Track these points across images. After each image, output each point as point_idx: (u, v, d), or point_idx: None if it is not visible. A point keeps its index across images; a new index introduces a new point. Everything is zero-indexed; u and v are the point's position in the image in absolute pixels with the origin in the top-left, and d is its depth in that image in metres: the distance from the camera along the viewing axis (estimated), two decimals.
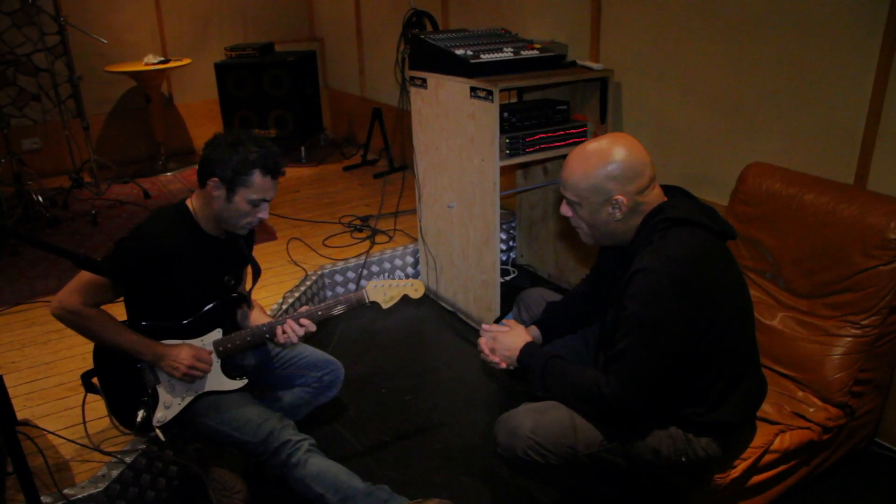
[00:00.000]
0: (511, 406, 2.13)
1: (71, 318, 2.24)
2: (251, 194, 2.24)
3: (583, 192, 1.93)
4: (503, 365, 2.24)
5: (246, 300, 2.57)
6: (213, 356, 2.41)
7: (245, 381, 2.44)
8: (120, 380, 2.38)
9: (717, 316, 1.87)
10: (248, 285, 2.62)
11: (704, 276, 1.85)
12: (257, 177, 2.23)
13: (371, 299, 2.44)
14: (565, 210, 2.03)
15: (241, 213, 2.28)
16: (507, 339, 2.24)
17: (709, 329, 1.87)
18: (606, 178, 1.89)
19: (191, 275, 2.33)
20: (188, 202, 2.37)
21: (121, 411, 2.40)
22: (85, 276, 2.22)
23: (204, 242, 2.36)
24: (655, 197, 1.95)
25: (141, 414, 2.32)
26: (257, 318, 2.59)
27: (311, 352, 2.74)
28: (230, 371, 2.45)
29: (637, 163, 1.90)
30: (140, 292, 2.32)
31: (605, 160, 1.89)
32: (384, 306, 2.45)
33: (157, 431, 2.34)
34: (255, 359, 2.67)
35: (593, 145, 1.94)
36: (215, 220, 2.34)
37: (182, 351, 2.33)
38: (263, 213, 2.31)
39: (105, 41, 5.70)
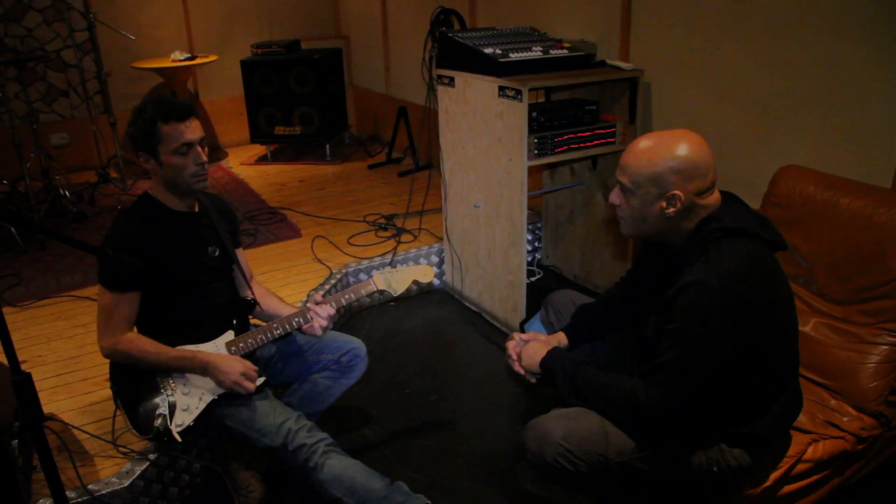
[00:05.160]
0: (537, 408, 2.11)
1: (119, 351, 2.32)
2: (169, 145, 2.27)
3: (642, 179, 1.87)
4: (532, 380, 2.25)
5: (252, 308, 2.60)
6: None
7: (263, 379, 2.42)
8: (136, 390, 2.36)
9: (767, 332, 1.83)
10: (249, 294, 2.62)
11: (759, 291, 1.80)
12: (162, 128, 2.25)
13: (379, 287, 2.48)
14: (615, 198, 1.97)
15: (179, 167, 2.30)
16: (529, 349, 2.24)
17: (758, 345, 1.83)
18: (669, 171, 1.83)
19: (172, 253, 2.36)
20: (149, 190, 2.42)
21: (141, 421, 2.36)
22: (102, 303, 2.31)
23: (174, 220, 2.40)
24: (712, 202, 1.89)
25: (160, 420, 2.30)
26: (276, 308, 2.60)
27: (327, 335, 2.67)
28: None
29: (703, 163, 1.85)
30: (144, 287, 2.34)
31: (672, 151, 1.84)
32: (395, 293, 2.49)
33: (175, 435, 2.29)
34: (269, 351, 2.66)
35: (663, 135, 1.89)
36: (173, 191, 2.38)
37: (232, 364, 2.33)
38: (200, 157, 2.32)
39: (133, 37, 5.74)
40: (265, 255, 4.20)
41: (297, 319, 2.42)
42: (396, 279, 2.49)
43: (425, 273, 2.52)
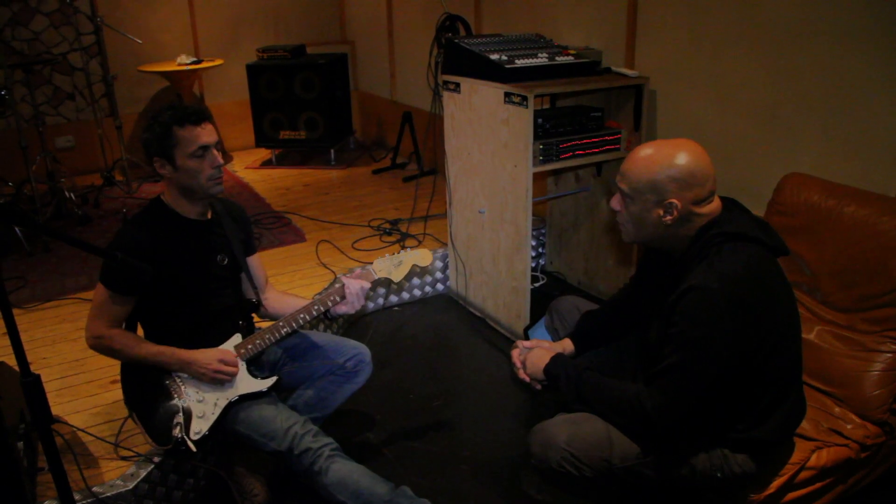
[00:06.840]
0: (540, 414, 2.12)
1: (101, 345, 2.34)
2: (185, 149, 2.27)
3: (640, 186, 1.89)
4: (537, 387, 2.26)
5: (256, 308, 2.61)
6: (239, 358, 2.41)
7: (274, 378, 2.43)
8: (150, 399, 2.37)
9: (769, 335, 1.84)
10: (253, 295, 2.62)
11: (759, 295, 1.81)
12: (178, 132, 2.26)
13: (379, 276, 2.49)
14: (615, 204, 1.99)
15: (195, 171, 2.30)
16: (533, 356, 2.26)
17: (760, 348, 1.83)
18: (667, 179, 1.85)
19: (180, 260, 2.36)
20: (161, 196, 2.42)
21: (158, 431, 2.36)
22: (97, 297, 2.32)
23: (184, 227, 2.40)
24: (711, 211, 1.90)
25: (178, 430, 2.30)
26: (292, 304, 2.60)
27: (332, 339, 2.71)
28: (255, 372, 2.45)
29: (701, 172, 1.86)
30: (149, 294, 2.34)
31: (670, 160, 1.85)
32: (395, 280, 2.50)
33: (191, 444, 2.29)
34: (275, 355, 2.67)
35: (663, 144, 1.91)
36: (187, 197, 2.38)
37: (207, 354, 2.35)
38: (216, 161, 2.33)
39: (139, 41, 5.76)
40: (270, 259, 4.20)
41: (302, 316, 2.43)
42: (396, 266, 2.50)
43: (424, 257, 2.52)
